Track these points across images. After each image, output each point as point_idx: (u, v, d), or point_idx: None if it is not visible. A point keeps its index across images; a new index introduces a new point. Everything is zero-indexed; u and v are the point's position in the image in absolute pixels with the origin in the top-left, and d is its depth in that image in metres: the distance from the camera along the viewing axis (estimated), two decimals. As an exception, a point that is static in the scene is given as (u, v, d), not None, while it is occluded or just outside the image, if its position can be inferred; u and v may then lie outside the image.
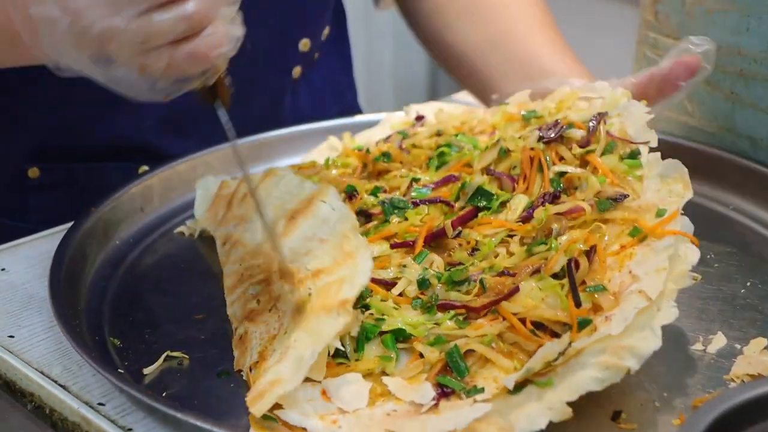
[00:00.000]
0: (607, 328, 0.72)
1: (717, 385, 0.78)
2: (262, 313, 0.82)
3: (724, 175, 1.10)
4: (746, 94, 1.10)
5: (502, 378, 0.73)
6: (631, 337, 0.72)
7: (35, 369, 0.83)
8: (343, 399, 0.73)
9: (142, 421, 0.75)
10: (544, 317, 0.76)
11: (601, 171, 0.90)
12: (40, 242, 1.04)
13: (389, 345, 0.78)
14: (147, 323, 0.89)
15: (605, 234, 0.83)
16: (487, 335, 0.76)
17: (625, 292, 0.76)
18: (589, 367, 0.70)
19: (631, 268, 0.78)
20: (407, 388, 0.74)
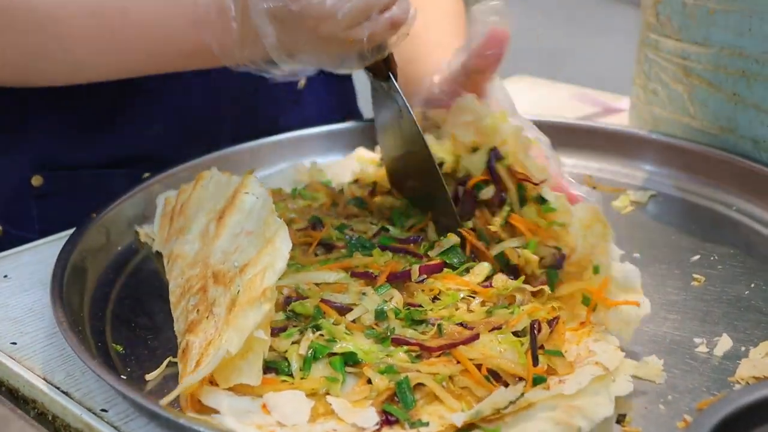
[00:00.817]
0: (560, 387, 0.74)
1: (722, 388, 0.78)
2: (200, 322, 0.81)
3: (726, 176, 1.10)
4: (748, 95, 1.09)
5: (449, 416, 0.72)
6: (584, 400, 0.73)
7: (38, 376, 0.83)
8: (283, 413, 0.73)
9: (145, 427, 0.75)
10: (501, 367, 0.77)
11: (528, 235, 0.91)
12: (42, 249, 1.04)
13: (337, 367, 0.77)
14: (149, 329, 0.89)
15: (563, 310, 0.85)
16: (439, 373, 0.76)
17: (582, 363, 0.78)
18: (538, 420, 0.71)
19: (589, 344, 0.81)
20: (351, 410, 0.74)
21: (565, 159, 1.21)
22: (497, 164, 0.95)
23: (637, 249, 1.01)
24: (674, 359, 0.82)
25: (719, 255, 0.99)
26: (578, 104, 1.48)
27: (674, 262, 0.98)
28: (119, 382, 0.75)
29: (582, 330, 0.83)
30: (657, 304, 0.90)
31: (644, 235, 1.05)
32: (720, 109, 1.13)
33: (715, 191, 1.11)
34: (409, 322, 0.83)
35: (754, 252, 1.00)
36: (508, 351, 0.78)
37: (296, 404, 0.74)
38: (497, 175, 0.95)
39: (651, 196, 1.13)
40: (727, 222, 1.06)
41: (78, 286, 0.92)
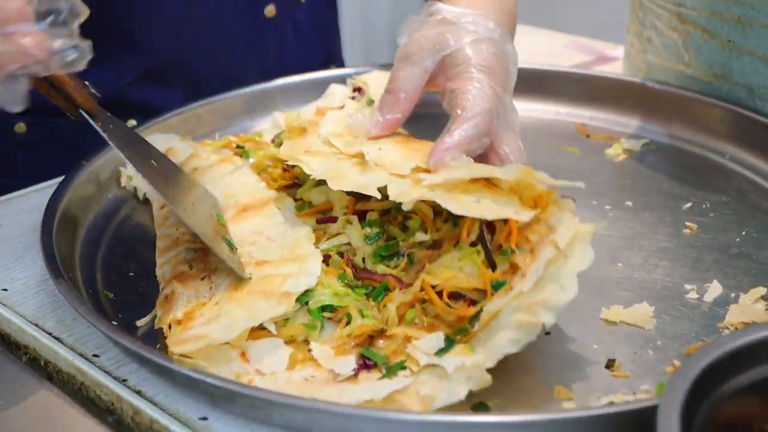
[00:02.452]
0: (520, 285, 0.72)
1: (711, 333, 0.79)
2: (193, 279, 0.83)
3: (720, 124, 1.10)
4: (743, 41, 1.08)
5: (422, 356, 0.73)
6: (544, 291, 0.71)
7: (29, 322, 0.83)
8: (261, 361, 0.74)
9: (136, 372, 0.76)
10: (460, 287, 0.77)
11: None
12: (33, 196, 1.03)
13: (315, 314, 0.78)
14: (140, 276, 0.89)
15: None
16: (410, 311, 0.77)
17: (541, 245, 0.75)
18: (505, 328, 0.71)
19: (549, 219, 0.76)
20: (331, 356, 0.75)
21: (559, 108, 1.20)
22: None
23: (629, 197, 1.00)
24: (664, 305, 0.82)
25: (711, 203, 0.99)
26: (572, 52, 1.47)
27: (666, 210, 0.98)
28: (110, 327, 0.75)
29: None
30: (648, 251, 0.91)
31: (636, 183, 1.05)
32: (715, 57, 1.12)
33: (709, 139, 1.10)
34: (378, 258, 0.84)
35: (745, 200, 1.00)
36: (467, 265, 0.78)
37: (275, 352, 0.75)
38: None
39: (644, 144, 1.13)
40: (719, 170, 1.06)
41: (68, 233, 0.91)
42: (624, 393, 0.72)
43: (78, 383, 0.77)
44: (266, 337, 0.77)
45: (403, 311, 0.78)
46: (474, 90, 0.89)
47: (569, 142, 1.13)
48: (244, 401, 0.68)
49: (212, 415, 0.71)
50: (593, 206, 0.99)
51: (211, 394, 0.70)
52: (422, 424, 0.65)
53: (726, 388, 0.61)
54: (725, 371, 0.61)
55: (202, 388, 0.70)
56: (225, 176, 0.98)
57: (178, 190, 0.90)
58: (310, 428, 0.68)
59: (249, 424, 0.70)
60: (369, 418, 0.66)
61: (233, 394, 0.68)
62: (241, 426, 0.70)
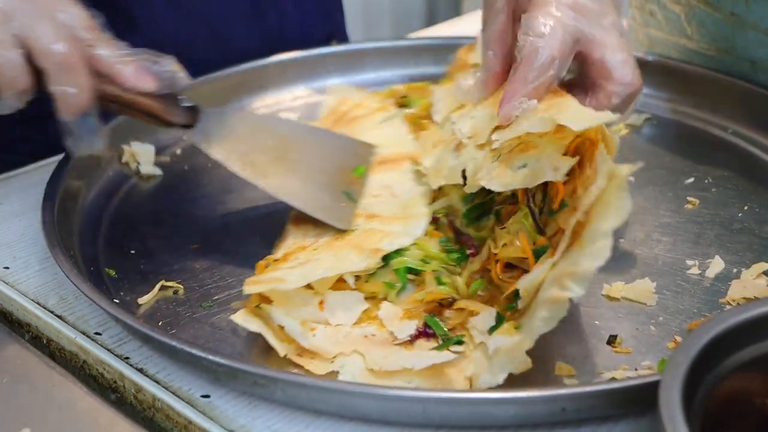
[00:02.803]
0: (561, 247, 0.68)
1: (713, 309, 0.79)
2: (306, 222, 0.85)
3: (723, 98, 1.09)
4: (747, 15, 1.07)
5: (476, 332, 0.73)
6: (574, 258, 0.66)
7: (31, 300, 0.83)
8: (334, 312, 0.75)
9: (138, 349, 0.76)
10: (510, 256, 0.76)
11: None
12: (34, 174, 1.03)
13: (400, 274, 0.79)
14: (142, 253, 0.89)
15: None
16: (475, 282, 0.77)
17: (583, 199, 0.70)
18: (542, 305, 0.68)
19: (596, 165, 0.73)
20: (395, 318, 0.75)
21: (561, 82, 1.19)
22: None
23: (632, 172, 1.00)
24: (666, 281, 0.82)
25: (713, 178, 0.99)
26: (575, 26, 1.46)
27: (668, 185, 0.98)
28: (112, 305, 0.75)
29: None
30: (650, 226, 0.90)
31: (639, 157, 1.03)
32: (718, 30, 1.11)
33: (711, 114, 1.10)
34: (468, 219, 0.84)
35: (748, 175, 0.99)
36: (521, 230, 0.78)
37: (350, 305, 0.75)
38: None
39: (646, 119, 1.12)
40: (722, 145, 1.06)
41: (70, 210, 0.91)
42: (626, 369, 0.72)
43: (80, 361, 0.77)
44: (348, 288, 0.77)
45: (471, 281, 0.77)
46: (536, 20, 0.79)
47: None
48: (246, 379, 0.68)
49: (214, 393, 0.71)
50: (595, 182, 0.98)
51: (213, 371, 0.70)
52: (421, 400, 0.66)
53: (728, 364, 0.61)
54: (727, 347, 0.61)
55: (205, 366, 0.70)
56: (375, 126, 0.98)
57: (278, 164, 0.90)
58: (312, 405, 0.68)
59: (251, 402, 0.70)
60: (369, 395, 0.66)
61: (235, 371, 0.68)
62: (243, 403, 0.70)
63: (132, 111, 0.85)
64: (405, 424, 0.68)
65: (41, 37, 0.79)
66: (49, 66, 0.80)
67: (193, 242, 0.90)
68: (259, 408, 0.69)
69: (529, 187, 0.76)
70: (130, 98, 0.84)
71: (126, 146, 1.03)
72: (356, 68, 1.20)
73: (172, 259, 0.87)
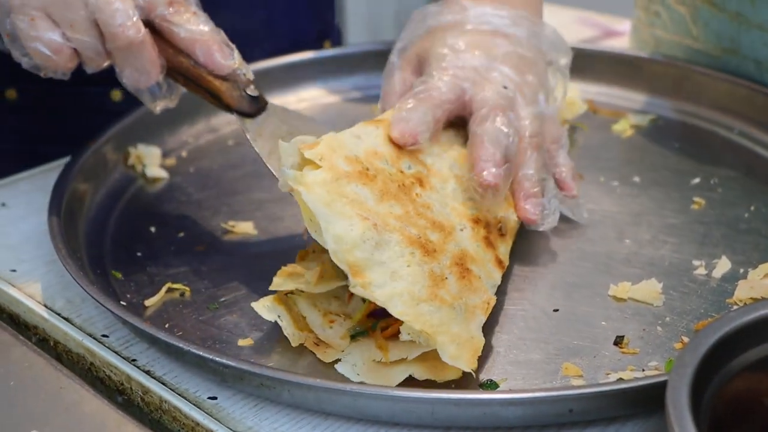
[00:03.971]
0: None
1: (720, 309, 0.78)
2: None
3: (728, 99, 1.09)
4: (752, 15, 1.07)
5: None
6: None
7: (38, 302, 0.83)
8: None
9: (145, 352, 0.76)
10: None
11: None
12: (40, 176, 1.03)
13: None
14: (148, 256, 0.89)
15: None
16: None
17: None
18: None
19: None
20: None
21: (573, 86, 1.19)
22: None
23: (637, 173, 1.00)
24: (672, 282, 0.82)
25: (719, 178, 0.98)
26: (579, 27, 1.46)
27: (674, 186, 0.98)
28: (119, 307, 0.75)
29: None
30: (656, 227, 0.90)
31: (644, 158, 1.05)
32: (723, 31, 1.11)
33: (717, 114, 1.09)
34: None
35: (754, 175, 0.99)
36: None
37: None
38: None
39: (651, 119, 1.12)
40: (727, 145, 1.06)
41: (76, 213, 0.91)
42: (633, 369, 0.72)
43: (87, 363, 0.77)
44: None
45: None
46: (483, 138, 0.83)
47: (576, 117, 1.12)
48: (252, 380, 0.68)
49: (221, 395, 0.71)
50: (600, 183, 0.98)
51: (220, 373, 0.70)
52: (430, 401, 0.66)
53: (735, 364, 0.61)
54: (734, 347, 0.61)
55: (211, 368, 0.70)
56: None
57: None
58: (320, 407, 0.69)
59: (258, 404, 0.70)
60: (377, 396, 0.66)
61: (242, 372, 0.68)
62: (250, 405, 0.70)
63: (197, 88, 0.86)
64: (413, 425, 0.68)
65: (110, 19, 0.79)
66: (115, 50, 0.81)
67: (199, 244, 0.90)
68: (266, 410, 0.70)
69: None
70: (198, 74, 0.84)
71: (132, 148, 1.03)
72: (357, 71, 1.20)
73: (178, 262, 0.88)
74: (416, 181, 0.80)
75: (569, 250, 0.87)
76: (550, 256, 0.87)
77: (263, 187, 0.99)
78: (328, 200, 0.73)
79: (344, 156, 0.77)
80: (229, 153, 1.08)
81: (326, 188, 0.73)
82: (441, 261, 0.74)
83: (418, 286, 0.72)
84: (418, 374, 0.71)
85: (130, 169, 1.03)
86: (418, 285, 0.72)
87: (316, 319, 0.76)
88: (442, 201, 0.80)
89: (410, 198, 0.78)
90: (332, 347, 0.74)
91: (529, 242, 0.89)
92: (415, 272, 0.72)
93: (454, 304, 0.72)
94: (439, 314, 0.71)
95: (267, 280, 0.78)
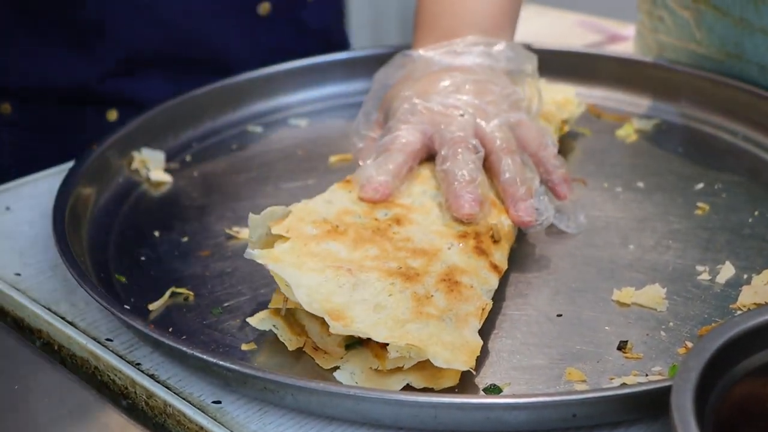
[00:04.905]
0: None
1: (724, 315, 0.78)
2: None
3: (732, 103, 1.09)
4: (756, 19, 1.07)
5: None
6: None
7: (43, 306, 0.83)
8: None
9: (149, 356, 0.76)
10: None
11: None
12: (44, 181, 1.03)
13: None
14: (152, 260, 0.89)
15: None
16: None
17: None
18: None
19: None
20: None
21: (570, 88, 1.19)
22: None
23: (641, 178, 1.00)
24: (676, 287, 0.82)
25: (723, 183, 0.98)
26: (583, 32, 1.46)
27: (678, 191, 0.98)
28: (123, 312, 0.75)
29: None
30: (660, 232, 0.90)
31: (648, 163, 1.05)
32: (727, 35, 1.11)
33: (721, 119, 1.09)
34: None
35: (758, 180, 0.99)
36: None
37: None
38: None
39: (655, 124, 1.12)
40: (732, 150, 1.06)
41: (80, 217, 0.92)
42: (636, 374, 0.72)
43: (92, 367, 0.78)
44: None
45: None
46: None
47: (580, 122, 1.12)
48: (256, 384, 0.68)
49: (226, 399, 0.71)
50: (604, 188, 0.98)
51: (223, 377, 0.70)
52: (434, 405, 0.66)
53: (739, 369, 0.61)
54: (738, 352, 0.61)
55: (215, 372, 0.70)
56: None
57: None
58: (323, 411, 0.69)
59: (262, 407, 0.70)
60: (381, 400, 0.66)
61: (245, 376, 0.68)
62: (255, 409, 0.70)
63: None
64: (417, 429, 0.68)
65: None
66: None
67: (203, 249, 0.90)
68: (270, 414, 0.70)
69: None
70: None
71: (136, 153, 1.03)
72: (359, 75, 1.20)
73: (182, 266, 0.88)
74: (393, 222, 0.82)
75: (573, 255, 0.87)
76: (554, 261, 0.87)
77: (267, 193, 1.00)
78: (298, 263, 0.75)
79: (312, 221, 0.80)
80: (233, 157, 1.08)
81: (294, 254, 0.76)
82: (425, 282, 0.75)
83: (401, 310, 0.72)
84: (416, 383, 0.71)
85: (133, 174, 1.03)
86: (401, 308, 0.72)
87: (314, 327, 0.76)
88: (425, 230, 0.81)
89: (387, 237, 0.80)
90: (330, 354, 0.74)
91: (533, 247, 0.89)
92: (397, 299, 0.73)
93: (442, 317, 0.72)
94: (428, 329, 0.71)
95: (270, 286, 0.79)
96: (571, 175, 0.92)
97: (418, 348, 0.69)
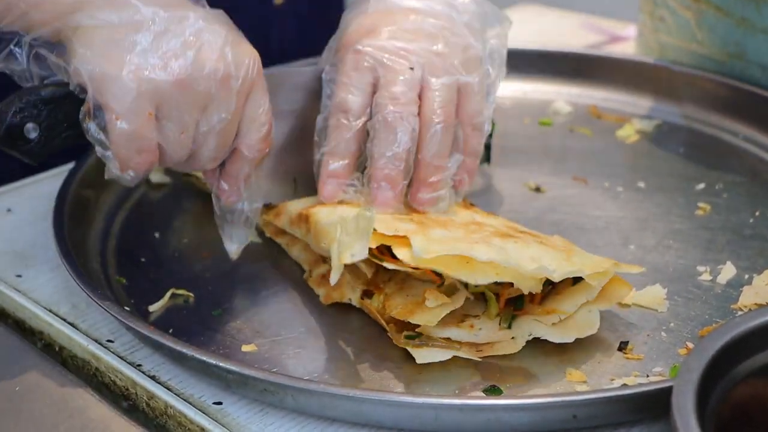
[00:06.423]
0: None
1: (725, 315, 0.78)
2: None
3: (733, 104, 1.09)
4: (758, 19, 1.07)
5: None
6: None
7: (44, 307, 0.83)
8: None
9: (150, 357, 0.76)
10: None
11: None
12: (45, 182, 1.03)
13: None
14: (152, 262, 0.89)
15: None
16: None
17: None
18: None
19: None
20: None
21: (571, 89, 1.20)
22: None
23: (642, 178, 1.00)
24: (677, 288, 0.82)
25: (724, 183, 0.98)
26: (584, 33, 1.46)
27: (679, 191, 0.98)
28: (124, 313, 0.75)
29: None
30: (661, 232, 0.90)
31: (649, 163, 1.05)
32: (728, 35, 1.11)
33: (722, 119, 1.09)
34: None
35: (759, 180, 0.99)
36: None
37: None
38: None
39: (656, 124, 1.12)
40: (733, 150, 1.06)
41: (80, 219, 0.92)
42: (637, 375, 0.72)
43: (93, 369, 0.78)
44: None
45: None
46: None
47: (581, 123, 1.12)
48: (256, 385, 0.68)
49: (227, 400, 0.71)
50: (605, 188, 0.98)
51: (224, 378, 0.70)
52: (435, 407, 0.66)
53: (740, 370, 0.61)
54: (739, 352, 0.61)
55: (216, 373, 0.70)
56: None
57: None
58: (324, 413, 0.69)
59: (263, 409, 0.70)
60: (381, 402, 0.66)
61: (245, 378, 0.68)
62: (255, 410, 0.70)
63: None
64: (418, 430, 0.68)
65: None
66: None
67: (203, 251, 0.90)
68: (271, 415, 0.70)
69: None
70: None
71: None
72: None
73: (182, 268, 0.88)
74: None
75: (574, 255, 0.87)
76: (555, 262, 0.87)
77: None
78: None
79: (399, 219, 0.82)
80: (234, 158, 1.08)
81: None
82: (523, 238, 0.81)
83: (550, 256, 0.77)
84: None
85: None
86: (550, 256, 0.77)
87: (453, 329, 0.75)
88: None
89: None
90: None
91: (534, 248, 0.89)
92: (521, 247, 0.77)
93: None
94: (581, 260, 0.77)
95: (271, 288, 0.78)
96: (573, 174, 0.92)
97: (603, 273, 0.74)
